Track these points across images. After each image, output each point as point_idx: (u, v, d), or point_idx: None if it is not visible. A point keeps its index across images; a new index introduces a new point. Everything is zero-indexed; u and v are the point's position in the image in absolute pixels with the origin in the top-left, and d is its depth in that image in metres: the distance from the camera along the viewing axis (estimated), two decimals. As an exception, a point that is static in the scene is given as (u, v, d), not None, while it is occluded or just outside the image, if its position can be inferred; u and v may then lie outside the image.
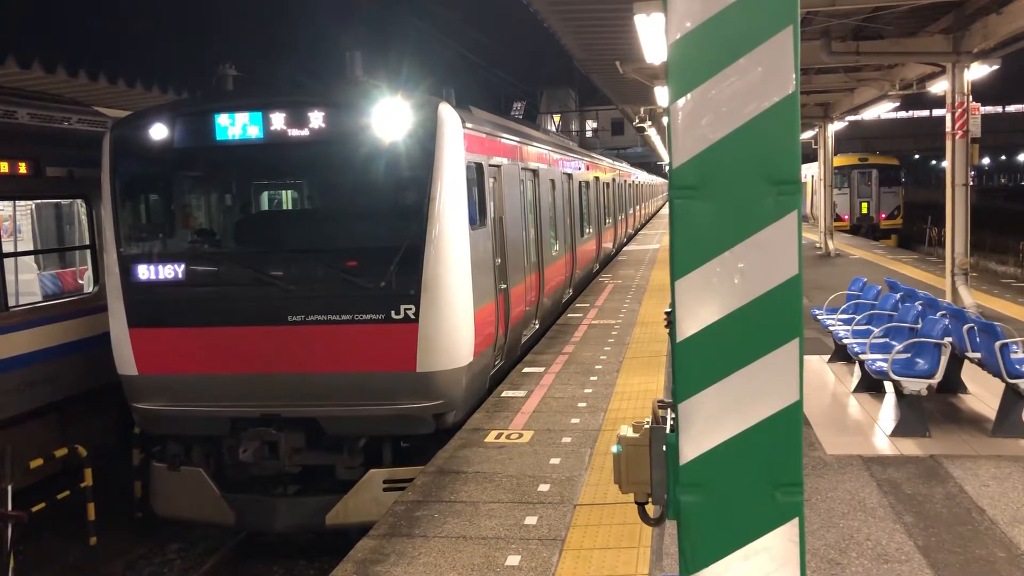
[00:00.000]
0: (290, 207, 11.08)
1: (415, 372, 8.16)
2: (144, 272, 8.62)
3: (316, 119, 8.32)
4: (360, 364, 8.20)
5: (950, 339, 8.08)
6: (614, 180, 27.96)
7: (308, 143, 8.40)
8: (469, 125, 9.13)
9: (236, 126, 8.44)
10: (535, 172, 13.48)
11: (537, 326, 13.15)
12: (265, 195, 10.33)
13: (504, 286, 10.36)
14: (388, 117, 8.24)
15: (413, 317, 8.11)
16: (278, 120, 8.37)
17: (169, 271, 8.60)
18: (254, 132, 8.41)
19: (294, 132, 8.36)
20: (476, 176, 9.40)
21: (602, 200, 23.95)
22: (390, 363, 8.17)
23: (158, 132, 8.59)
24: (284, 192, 11.11)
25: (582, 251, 18.94)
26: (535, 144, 13.96)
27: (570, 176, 17.60)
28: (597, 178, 22.96)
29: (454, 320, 8.35)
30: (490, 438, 8.24)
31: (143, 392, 8.72)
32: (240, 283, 8.62)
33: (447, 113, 8.53)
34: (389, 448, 8.48)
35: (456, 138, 8.53)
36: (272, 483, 8.60)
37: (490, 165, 10.10)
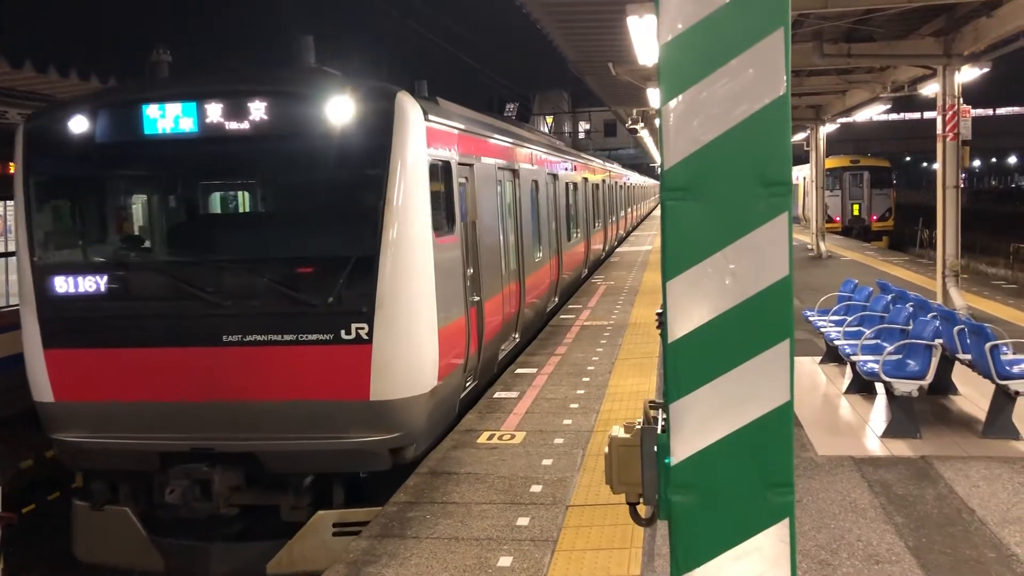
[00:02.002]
0: (227, 211, 9.53)
1: (368, 401, 7.18)
2: (61, 285, 7.55)
3: (257, 110, 7.36)
4: (305, 391, 7.21)
5: (941, 340, 8.11)
6: (604, 182, 27.06)
7: (248, 138, 7.43)
8: (434, 118, 8.13)
9: (167, 118, 7.44)
10: (515, 172, 12.48)
11: (518, 339, 12.23)
12: (200, 198, 8.97)
13: (477, 298, 9.47)
14: (338, 108, 7.27)
15: (366, 337, 7.11)
16: (214, 112, 7.38)
17: (89, 283, 7.54)
18: (187, 125, 7.42)
19: (233, 125, 7.40)
20: (442, 176, 8.40)
21: (591, 202, 22.99)
22: (340, 390, 7.19)
23: (78, 125, 7.59)
24: (221, 194, 9.57)
25: (569, 256, 17.96)
26: (516, 142, 12.90)
27: (555, 177, 16.69)
28: (586, 179, 22.09)
29: (414, 340, 7.40)
30: (482, 439, 8.23)
31: (61, 422, 7.65)
32: (168, 298, 7.58)
33: (406, 103, 7.52)
34: (340, 487, 7.48)
35: (416, 132, 7.55)
36: (211, 524, 7.56)
37: (461, 164, 9.08)
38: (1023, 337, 10.88)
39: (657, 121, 2.67)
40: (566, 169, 18.39)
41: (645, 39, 11.24)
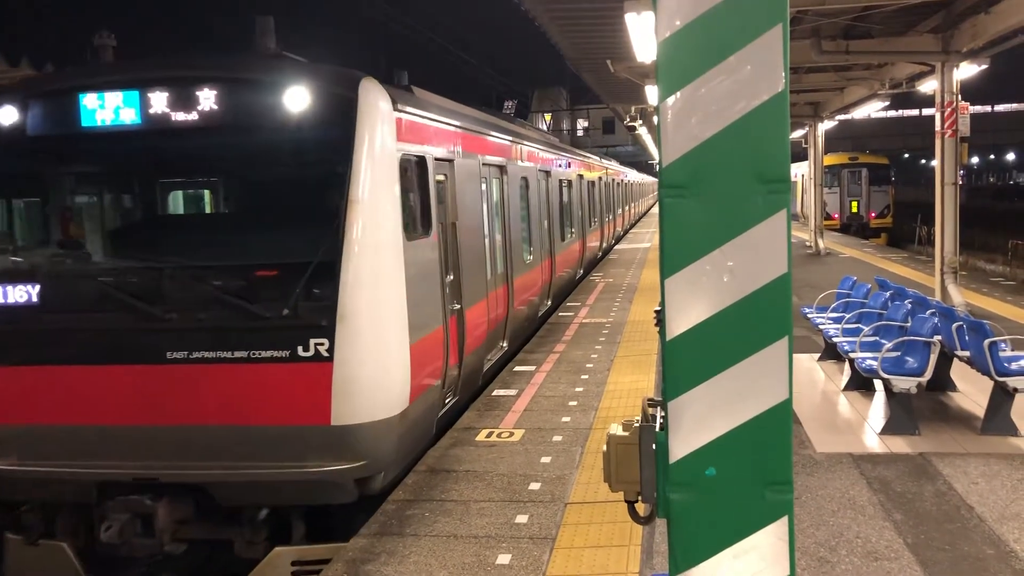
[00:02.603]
0: (173, 212, 8.38)
1: (330, 426, 6.37)
2: None
3: (206, 99, 6.66)
4: (259, 415, 6.44)
5: (939, 337, 8.11)
6: (600, 179, 26.19)
7: (196, 130, 6.73)
8: (405, 108, 7.35)
9: (106, 109, 6.74)
10: (503, 169, 11.66)
11: (505, 347, 11.44)
12: (142, 198, 8.13)
13: (458, 306, 8.69)
14: (295, 96, 6.58)
15: (326, 354, 6.34)
16: (159, 101, 6.67)
17: (16, 294, 6.77)
18: (128, 116, 6.70)
19: (179, 116, 6.68)
20: (416, 172, 7.61)
21: (587, 200, 22.15)
22: (297, 414, 6.40)
23: (6, 117, 6.90)
24: (167, 194, 8.42)
25: (563, 257, 17.20)
26: (503, 137, 11.96)
27: (548, 174, 15.93)
28: (581, 176, 21.23)
29: (381, 357, 6.60)
30: (481, 437, 8.23)
31: None
32: (104, 309, 6.77)
33: (371, 91, 6.78)
34: (300, 521, 6.75)
35: (384, 123, 6.80)
36: (159, 561, 6.96)
37: (439, 159, 8.31)
38: (1021, 334, 10.90)
39: (655, 118, 2.66)
40: (560, 166, 17.66)
41: (643, 36, 11.24)
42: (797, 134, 29.69)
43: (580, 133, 71.95)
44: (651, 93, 17.75)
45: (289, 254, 6.73)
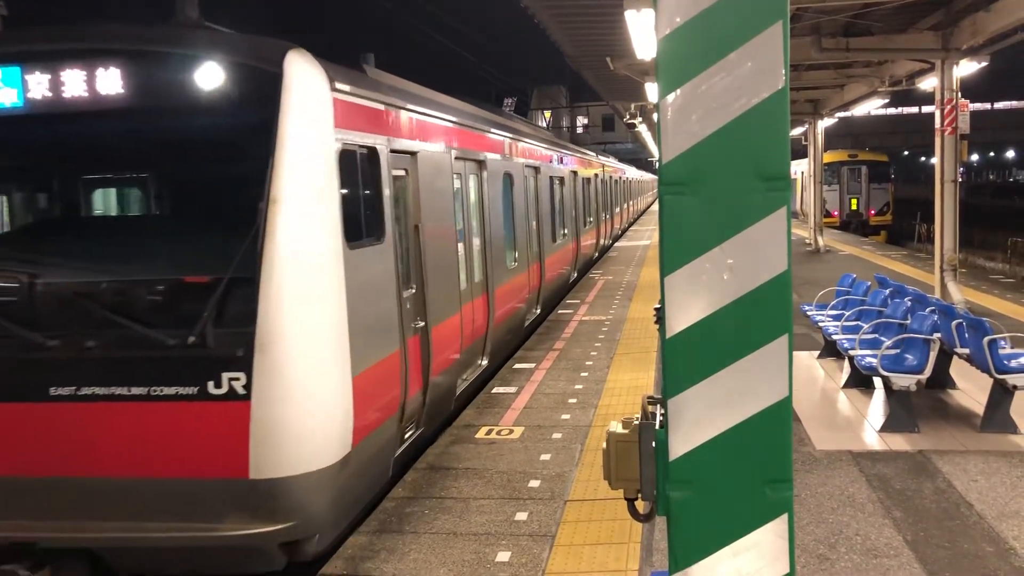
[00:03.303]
0: (55, 215, 6.80)
1: (247, 480, 5.21)
2: None
3: (98, 77, 5.53)
4: (161, 466, 5.30)
5: (939, 335, 8.12)
6: (596, 176, 25.06)
7: (85, 115, 5.61)
8: (348, 89, 6.18)
9: None
10: (482, 164, 10.49)
11: (485, 363, 10.33)
12: (19, 197, 6.82)
13: (421, 324, 7.56)
14: (205, 72, 5.46)
15: (243, 392, 5.19)
16: (42, 79, 5.55)
17: None
18: (8, 98, 5.59)
19: (67, 97, 5.56)
20: (363, 166, 6.47)
21: (581, 198, 20.98)
22: (209, 465, 5.27)
23: None
24: (49, 192, 6.89)
25: (554, 260, 16.03)
26: (483, 128, 10.73)
27: (537, 170, 14.75)
28: (575, 173, 20.03)
29: (313, 393, 5.44)
30: (480, 434, 8.23)
31: None
32: None
33: (300, 66, 5.58)
34: None
35: (317, 107, 5.67)
36: None
37: (397, 151, 7.19)
38: (1021, 331, 10.91)
39: (655, 115, 2.66)
40: (551, 162, 16.49)
41: (643, 33, 11.21)
42: (797, 131, 29.69)
43: (580, 130, 71.90)
44: (651, 90, 17.74)
45: (196, 267, 5.63)
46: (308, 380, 5.42)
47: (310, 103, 5.62)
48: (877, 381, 8.88)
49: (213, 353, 5.27)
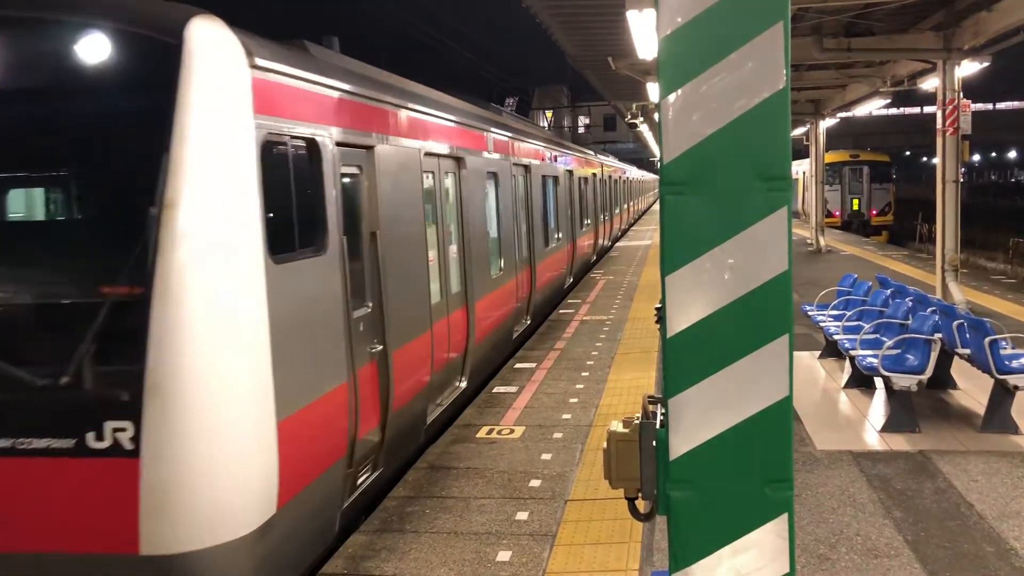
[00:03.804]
0: None
1: (137, 556, 4.23)
2: None
3: None
4: (30, 538, 4.32)
5: (940, 335, 8.11)
6: (595, 175, 24.00)
7: None
8: (276, 68, 5.06)
9: None
10: (459, 161, 9.44)
11: (464, 384, 9.36)
12: None
13: (379, 347, 6.55)
14: (88, 43, 4.44)
15: (130, 446, 4.19)
16: None
17: None
18: None
19: None
20: (300, 162, 5.41)
21: (578, 199, 19.95)
22: (89, 537, 4.27)
23: None
24: None
25: (546, 265, 14.97)
26: (461, 121, 9.56)
27: (528, 169, 13.66)
28: (571, 172, 19.00)
29: (222, 446, 4.37)
30: (481, 434, 8.23)
31: None
32: None
33: (207, 36, 4.51)
34: None
35: (231, 87, 4.61)
36: None
37: (347, 144, 6.12)
38: (1022, 332, 10.90)
39: (656, 115, 2.66)
40: (544, 160, 15.43)
41: (645, 33, 11.21)
42: (798, 131, 29.68)
43: (581, 130, 71.90)
44: (652, 90, 17.74)
45: (72, 287, 4.56)
46: (215, 429, 4.33)
47: (220, 83, 4.54)
48: (878, 381, 8.88)
49: (92, 396, 4.25)
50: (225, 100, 4.60)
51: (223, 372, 4.41)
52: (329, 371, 5.55)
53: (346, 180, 6.20)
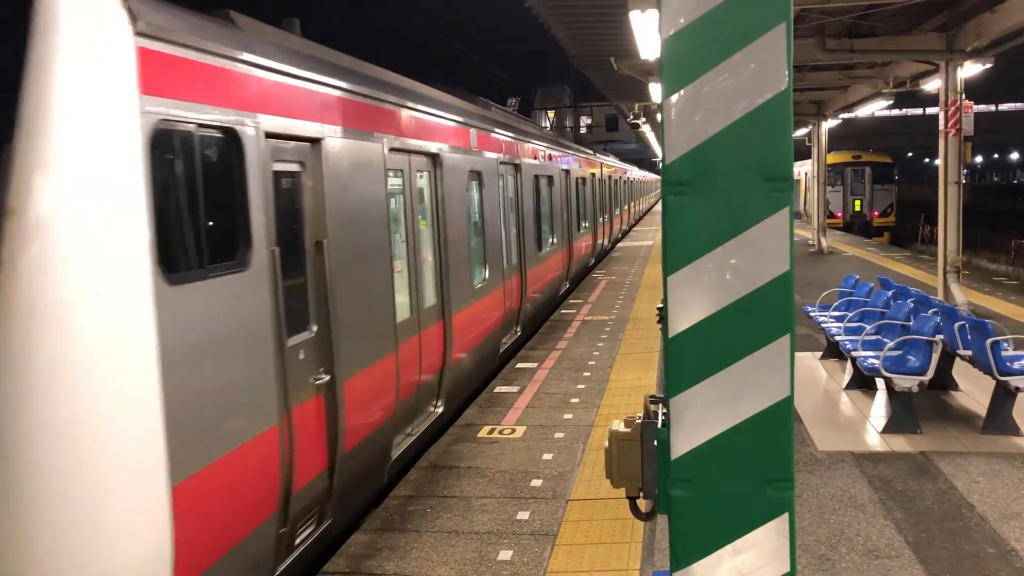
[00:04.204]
0: None
1: None
2: None
3: None
4: None
5: (941, 336, 8.12)
6: (594, 176, 23.09)
7: None
8: (175, 38, 4.14)
9: None
10: (434, 158, 8.47)
11: (441, 408, 8.48)
12: None
13: (326, 378, 5.60)
14: None
15: None
16: None
17: None
18: None
19: None
20: (211, 155, 4.47)
21: (576, 200, 19.10)
22: None
23: None
24: None
25: (540, 271, 14.06)
26: (435, 114, 8.51)
27: (519, 168, 12.80)
28: (567, 171, 18.08)
29: (91, 525, 3.47)
30: (483, 433, 8.24)
31: None
32: None
33: None
34: None
35: (102, 57, 3.67)
36: None
37: (281, 136, 5.16)
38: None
39: (659, 116, 2.67)
40: (537, 159, 14.47)
41: (647, 34, 11.21)
42: (800, 132, 29.68)
43: (583, 130, 71.92)
44: (655, 91, 17.74)
45: None
46: (79, 503, 3.38)
47: (86, 51, 3.57)
48: (879, 382, 8.88)
49: None
50: (93, 74, 3.60)
51: (92, 426, 3.43)
52: (251, 415, 4.64)
53: (283, 180, 5.30)
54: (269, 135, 5.01)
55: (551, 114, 64.00)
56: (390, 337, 6.88)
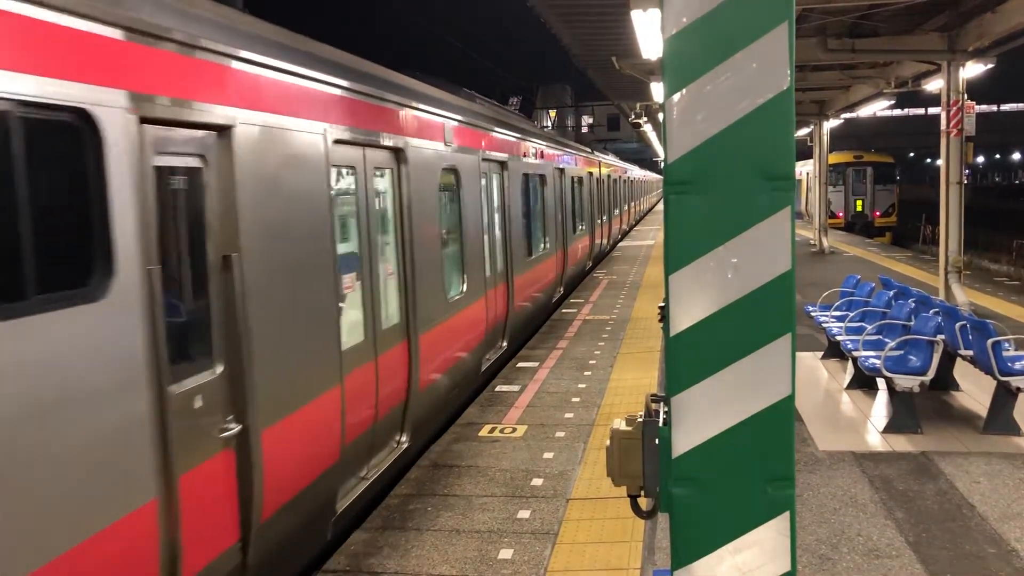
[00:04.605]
0: None
1: None
2: None
3: None
4: None
5: (942, 336, 8.12)
6: (592, 174, 22.00)
7: None
8: None
9: None
10: (397, 153, 7.27)
11: (407, 442, 7.34)
12: None
13: (234, 429, 4.53)
14: None
15: None
16: None
17: None
18: None
19: None
20: (48, 147, 3.44)
21: (572, 200, 18.10)
22: None
23: None
24: None
25: (529, 279, 12.87)
26: (400, 101, 7.35)
27: (504, 165, 11.70)
28: (562, 170, 16.96)
29: None
30: (484, 432, 8.25)
31: None
32: None
33: None
34: None
35: None
36: None
37: (165, 122, 4.11)
38: (1025, 334, 10.88)
39: (661, 115, 2.67)
40: (527, 156, 13.41)
41: (649, 33, 11.21)
42: (802, 132, 29.67)
43: (584, 130, 71.95)
44: (656, 90, 17.74)
45: None
46: None
47: None
48: (880, 382, 8.88)
49: None
50: None
51: None
52: (109, 493, 3.58)
53: (171, 179, 4.23)
54: (147, 120, 3.89)
55: (552, 113, 64.02)
56: (332, 368, 5.72)
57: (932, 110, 64.10)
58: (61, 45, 3.41)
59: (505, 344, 11.55)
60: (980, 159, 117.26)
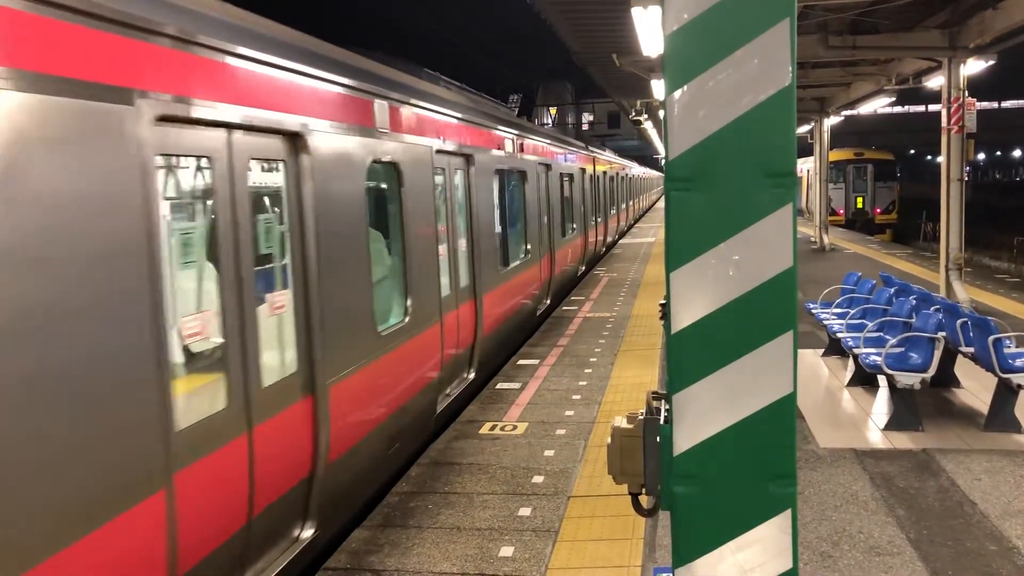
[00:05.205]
0: None
1: None
2: None
3: None
4: None
5: (943, 334, 8.11)
6: (584, 171, 21.01)
7: None
8: None
9: None
10: (295, 139, 5.30)
11: (310, 533, 5.42)
12: None
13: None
14: None
15: None
16: None
17: None
18: None
19: None
20: None
21: (562, 200, 17.09)
22: None
23: None
24: None
25: (504, 293, 11.22)
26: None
27: (469, 159, 9.87)
28: (548, 166, 15.53)
29: None
30: (484, 430, 8.25)
31: None
32: None
33: None
34: None
35: None
36: None
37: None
38: (1026, 331, 10.87)
39: (661, 112, 2.67)
40: (508, 151, 12.03)
41: (650, 30, 11.20)
42: (803, 129, 29.65)
43: (585, 127, 71.94)
44: (657, 87, 17.72)
45: None
46: None
47: None
48: (881, 379, 8.87)
49: None
50: None
51: None
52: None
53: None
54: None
55: (553, 111, 64.01)
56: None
57: (933, 107, 64.07)
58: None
59: (472, 375, 9.66)
60: (981, 156, 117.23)
